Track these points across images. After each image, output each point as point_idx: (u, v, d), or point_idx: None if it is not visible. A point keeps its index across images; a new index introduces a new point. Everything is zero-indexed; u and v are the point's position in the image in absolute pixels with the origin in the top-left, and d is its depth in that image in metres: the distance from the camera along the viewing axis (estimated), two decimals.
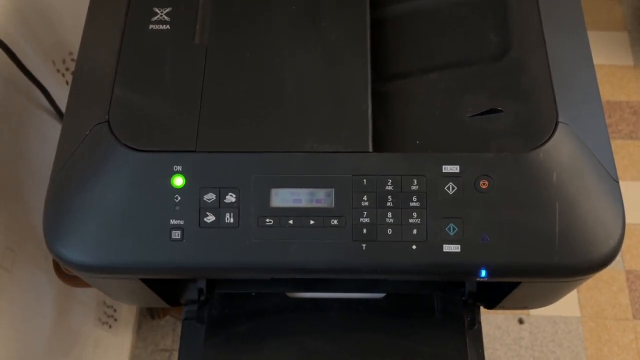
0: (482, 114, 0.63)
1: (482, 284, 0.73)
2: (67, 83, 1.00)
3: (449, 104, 0.65)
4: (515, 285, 0.66)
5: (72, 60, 1.02)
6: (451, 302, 0.75)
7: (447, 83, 0.66)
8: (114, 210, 0.60)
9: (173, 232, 0.59)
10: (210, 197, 0.60)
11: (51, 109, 0.95)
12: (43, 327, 0.98)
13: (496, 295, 0.72)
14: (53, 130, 0.96)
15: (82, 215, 0.61)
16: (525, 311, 1.50)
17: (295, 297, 0.76)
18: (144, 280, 0.67)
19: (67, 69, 1.02)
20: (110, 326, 1.26)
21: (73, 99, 0.68)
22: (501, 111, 0.63)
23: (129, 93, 0.64)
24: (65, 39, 1.00)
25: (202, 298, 0.75)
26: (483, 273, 0.60)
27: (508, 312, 1.48)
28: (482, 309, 0.79)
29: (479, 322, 0.75)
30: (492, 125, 0.63)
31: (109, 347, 1.26)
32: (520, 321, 1.52)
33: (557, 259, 0.59)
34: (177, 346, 1.47)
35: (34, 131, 0.92)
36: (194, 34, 0.67)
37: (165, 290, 0.75)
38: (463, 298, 0.75)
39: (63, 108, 0.67)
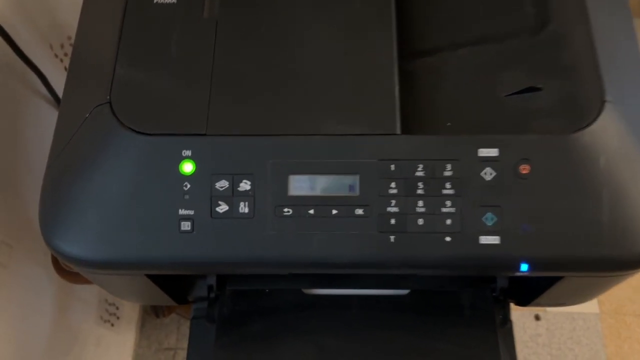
0: (520, 92, 0.58)
1: (515, 279, 0.67)
2: (65, 69, 0.96)
3: (483, 82, 0.60)
4: (555, 280, 0.61)
5: (71, 45, 0.97)
6: (481, 299, 0.70)
7: (481, 59, 0.61)
8: (117, 200, 0.56)
9: (182, 223, 0.55)
10: (222, 184, 0.56)
11: (49, 95, 0.91)
12: (42, 326, 0.95)
13: (531, 291, 0.67)
14: (51, 118, 0.90)
15: (81, 205, 0.57)
16: (541, 307, 1.46)
17: (311, 294, 0.71)
18: (149, 277, 0.62)
19: (65, 54, 0.97)
20: (112, 324, 1.22)
21: (71, 78, 0.63)
22: (541, 89, 0.58)
23: (132, 71, 0.60)
24: (63, 22, 0.95)
25: (212, 295, 0.71)
26: (524, 267, 0.55)
27: (524, 307, 1.44)
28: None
29: (511, 320, 0.70)
30: (532, 105, 0.58)
31: (110, 345, 1.22)
32: (537, 317, 1.47)
33: (605, 251, 0.54)
34: (181, 345, 1.44)
35: (30, 119, 0.88)
36: (202, 6, 0.62)
37: (172, 287, 0.70)
38: (494, 294, 0.70)
39: (61, 94, 0.64)
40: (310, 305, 0.70)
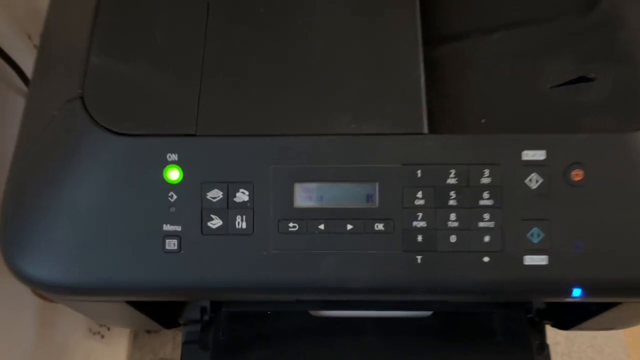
0: (568, 83, 0.51)
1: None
2: None
3: (523, 72, 0.52)
4: (609, 305, 0.53)
5: None
6: (515, 321, 0.61)
7: (519, 44, 0.53)
8: (90, 214, 0.49)
9: (167, 241, 0.49)
10: (215, 194, 0.49)
11: (27, 90, 0.82)
12: (23, 342, 0.89)
13: (576, 314, 0.59)
14: None
15: (48, 220, 0.49)
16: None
17: (320, 316, 0.63)
18: (131, 303, 0.53)
19: None
20: (102, 336, 1.17)
21: (39, 69, 0.56)
22: (593, 79, 0.51)
23: (108, 61, 0.52)
24: (44, 8, 0.87)
25: (206, 318, 0.64)
26: (577, 292, 0.48)
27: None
28: None
29: (548, 345, 0.62)
30: (583, 98, 0.50)
31: (101, 359, 1.15)
32: None
33: None
34: (177, 355, 1.37)
35: (5, 117, 0.79)
36: None
37: (159, 311, 0.61)
38: (529, 316, 0.61)
39: None
40: (318, 329, 0.63)
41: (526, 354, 0.60)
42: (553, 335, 1.41)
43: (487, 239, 0.47)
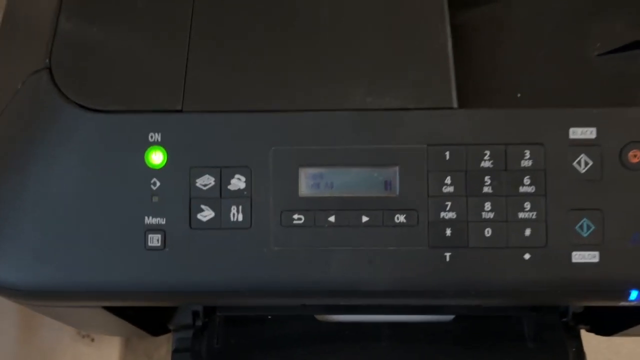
0: (618, 49, 0.44)
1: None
2: None
3: (563, 38, 0.46)
4: None
5: None
6: (548, 326, 0.55)
7: (559, 4, 0.47)
8: (59, 205, 0.43)
9: (149, 236, 0.42)
10: (206, 181, 0.42)
11: None
12: (7, 347, 0.89)
13: (621, 318, 0.52)
14: None
15: (10, 213, 0.43)
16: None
17: (328, 321, 0.56)
18: (109, 309, 0.46)
19: None
20: (92, 339, 1.13)
21: (2, 39, 0.49)
22: None
23: (80, 25, 0.45)
24: None
25: (199, 323, 0.57)
26: (634, 295, 0.41)
27: None
28: None
29: (584, 353, 0.55)
30: (637, 66, 0.44)
31: None
32: None
33: None
34: None
35: None
36: None
37: (143, 317, 0.54)
38: (564, 320, 0.55)
39: None
40: (326, 336, 0.57)
41: None
42: None
43: (528, 232, 0.41)
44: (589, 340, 1.38)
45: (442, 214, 0.41)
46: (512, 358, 0.55)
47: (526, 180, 0.40)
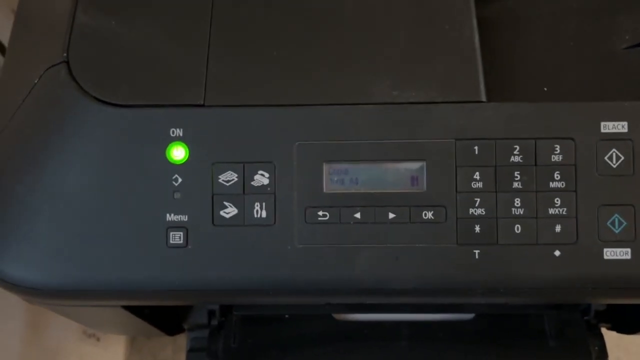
0: None
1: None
2: None
3: (590, 31, 0.45)
4: None
5: None
6: (570, 324, 0.54)
7: None
8: (79, 202, 0.42)
9: (171, 233, 0.41)
10: (229, 177, 0.41)
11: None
12: (12, 348, 0.88)
13: None
14: None
15: (28, 209, 0.42)
16: None
17: (346, 320, 0.55)
18: (128, 308, 0.45)
19: None
20: (98, 339, 1.12)
21: (17, 32, 0.49)
22: None
23: (98, 18, 0.44)
24: None
25: (214, 322, 0.56)
26: None
27: None
28: None
29: (607, 353, 0.54)
30: None
31: None
32: None
33: None
34: (178, 357, 1.32)
35: None
36: None
37: (160, 316, 0.53)
38: (586, 318, 0.54)
39: None
40: (344, 335, 0.56)
41: None
42: None
43: (558, 228, 0.40)
44: None
45: (471, 210, 0.40)
46: (533, 356, 0.54)
47: (556, 176, 0.40)
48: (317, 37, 0.43)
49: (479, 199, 0.40)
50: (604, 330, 0.67)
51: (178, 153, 0.41)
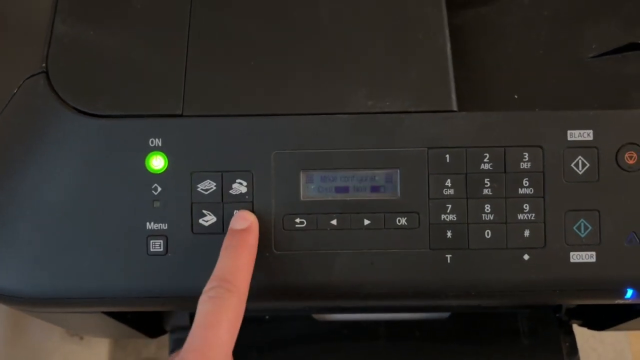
0: (613, 51, 0.45)
1: None
2: None
3: (560, 39, 0.46)
4: None
5: None
6: (542, 322, 0.55)
7: (554, 6, 0.47)
8: (58, 211, 0.42)
9: (151, 241, 0.42)
10: (207, 186, 0.42)
11: None
12: None
13: (617, 313, 0.52)
14: None
15: (8, 219, 0.42)
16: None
17: (326, 321, 0.56)
18: (109, 314, 0.46)
19: None
20: (81, 338, 1.10)
21: None
22: None
23: (77, 28, 0.44)
24: None
25: None
26: (629, 293, 0.41)
27: None
28: None
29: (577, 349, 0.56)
30: (632, 68, 0.44)
31: None
32: None
33: None
34: (162, 354, 1.32)
35: None
36: None
37: (141, 320, 0.53)
38: (558, 315, 0.55)
39: None
40: (324, 335, 0.57)
41: (556, 358, 0.54)
42: None
43: (527, 233, 0.41)
44: (575, 329, 1.41)
45: (443, 216, 0.41)
46: (507, 354, 0.55)
47: (525, 182, 0.41)
48: (294, 48, 0.43)
49: (450, 205, 0.41)
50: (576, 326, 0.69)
51: (157, 162, 0.41)
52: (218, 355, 0.35)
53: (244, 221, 0.40)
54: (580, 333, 1.39)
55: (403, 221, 0.41)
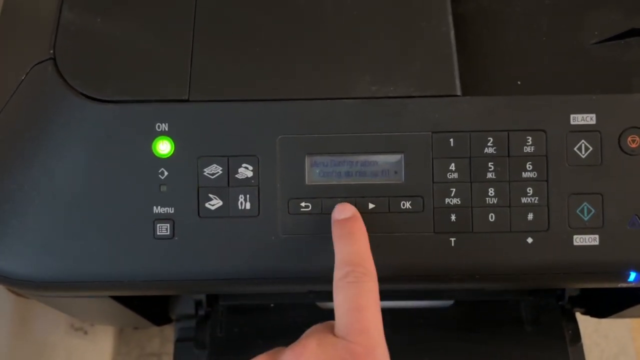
0: (614, 38, 0.45)
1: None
2: None
3: (561, 26, 0.46)
4: None
5: None
6: (545, 310, 0.56)
7: None
8: (66, 195, 0.42)
9: (158, 225, 0.42)
10: (214, 170, 0.42)
11: None
12: (0, 341, 0.84)
13: (620, 300, 0.53)
14: None
15: (17, 204, 0.43)
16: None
17: (330, 309, 0.56)
18: (117, 298, 0.46)
19: None
20: (85, 332, 1.12)
21: (3, 30, 0.48)
22: None
23: (84, 15, 0.45)
24: None
25: (201, 312, 0.58)
26: (632, 276, 0.41)
27: None
28: None
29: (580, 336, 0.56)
30: (634, 54, 0.44)
31: (85, 356, 1.10)
32: None
33: None
34: (166, 349, 1.32)
35: None
36: None
37: (147, 306, 0.54)
38: (560, 303, 0.55)
39: None
40: None
41: (559, 346, 0.54)
42: None
43: (530, 216, 0.41)
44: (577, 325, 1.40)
45: (447, 200, 0.41)
46: (510, 341, 0.56)
47: (528, 166, 0.41)
48: (299, 34, 0.43)
49: (454, 189, 0.41)
50: (581, 317, 0.69)
51: (164, 147, 0.42)
52: (381, 333, 0.36)
53: (348, 211, 0.40)
54: (583, 328, 1.39)
55: (407, 205, 0.41)
